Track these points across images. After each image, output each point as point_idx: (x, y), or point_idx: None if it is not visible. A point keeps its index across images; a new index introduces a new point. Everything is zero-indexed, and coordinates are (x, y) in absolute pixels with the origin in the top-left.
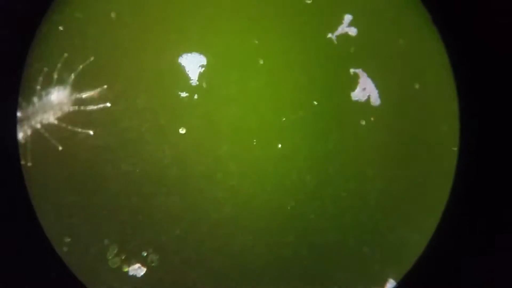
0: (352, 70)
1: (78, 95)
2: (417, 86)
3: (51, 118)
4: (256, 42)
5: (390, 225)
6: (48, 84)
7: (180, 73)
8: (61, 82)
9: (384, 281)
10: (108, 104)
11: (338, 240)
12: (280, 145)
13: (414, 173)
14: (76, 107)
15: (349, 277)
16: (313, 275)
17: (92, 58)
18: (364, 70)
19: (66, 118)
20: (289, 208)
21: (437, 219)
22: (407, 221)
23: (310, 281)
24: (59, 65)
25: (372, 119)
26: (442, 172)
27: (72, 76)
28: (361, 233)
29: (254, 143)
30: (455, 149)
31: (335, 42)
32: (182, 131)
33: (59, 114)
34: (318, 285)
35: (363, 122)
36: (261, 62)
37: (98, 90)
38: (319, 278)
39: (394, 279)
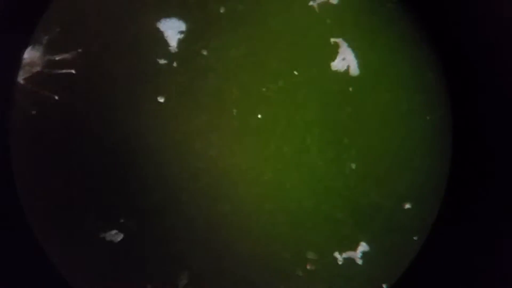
0: (332, 40)
1: (50, 57)
2: (394, 57)
3: (19, 78)
4: (237, 9)
5: (363, 191)
6: None
7: (159, 39)
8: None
9: (357, 244)
10: (73, 71)
11: (313, 207)
12: (260, 116)
13: (388, 142)
14: (47, 70)
15: (323, 241)
16: (288, 240)
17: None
18: (345, 39)
19: (34, 80)
20: (266, 178)
21: (409, 184)
22: (380, 188)
23: (285, 246)
24: None
25: (350, 89)
26: (416, 140)
27: (46, 37)
28: (335, 200)
29: (234, 113)
30: (428, 118)
31: (317, 10)
32: (160, 99)
33: (27, 75)
34: (294, 249)
35: (341, 93)
36: (241, 30)
37: (72, 53)
38: (294, 242)
39: (365, 242)
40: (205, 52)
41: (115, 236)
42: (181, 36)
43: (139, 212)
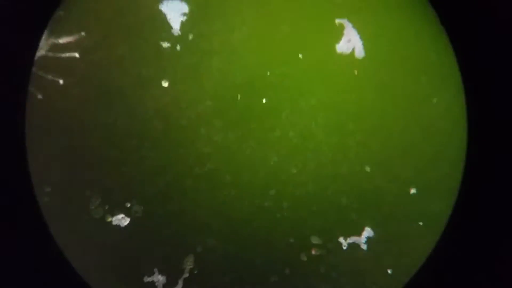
0: (337, 21)
1: (54, 41)
2: (400, 38)
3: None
4: None
5: (368, 176)
6: None
7: (162, 22)
8: None
9: (361, 229)
10: (77, 55)
11: (317, 192)
12: (264, 100)
13: (393, 126)
14: (51, 53)
15: (328, 226)
16: (293, 225)
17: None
18: (350, 20)
19: (39, 64)
20: (272, 163)
21: (414, 169)
22: (384, 172)
23: (290, 231)
24: None
25: (355, 72)
26: (421, 123)
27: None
28: (339, 185)
29: (239, 98)
30: (435, 100)
31: None
32: (164, 83)
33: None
34: (298, 234)
35: (347, 76)
36: (245, 11)
37: (75, 37)
38: (299, 227)
39: (370, 227)
40: (208, 35)
41: (122, 220)
42: (184, 18)
43: (145, 197)
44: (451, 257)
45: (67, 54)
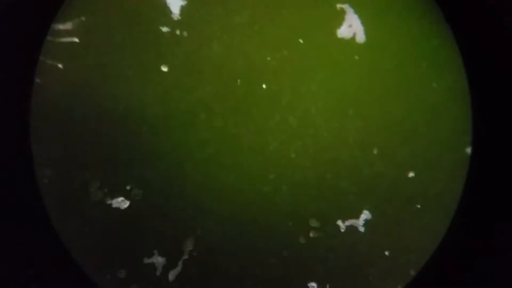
0: (338, 6)
1: (54, 26)
2: (401, 23)
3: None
4: None
5: (367, 161)
6: None
7: (161, 6)
8: None
9: (359, 212)
10: (77, 40)
11: (316, 177)
12: (264, 86)
13: (393, 110)
14: (50, 38)
15: (326, 209)
16: (291, 208)
17: None
18: (351, 5)
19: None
20: (271, 148)
21: (414, 152)
22: (383, 157)
23: (288, 214)
24: None
25: (356, 57)
26: (421, 108)
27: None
28: (338, 169)
29: (238, 84)
30: (435, 85)
31: None
32: (164, 68)
33: None
34: (297, 217)
35: (347, 61)
36: None
37: (75, 22)
38: (297, 210)
39: (368, 210)
40: (208, 20)
41: (122, 203)
42: (183, 3)
43: (144, 180)
44: (455, 248)
45: (67, 39)
